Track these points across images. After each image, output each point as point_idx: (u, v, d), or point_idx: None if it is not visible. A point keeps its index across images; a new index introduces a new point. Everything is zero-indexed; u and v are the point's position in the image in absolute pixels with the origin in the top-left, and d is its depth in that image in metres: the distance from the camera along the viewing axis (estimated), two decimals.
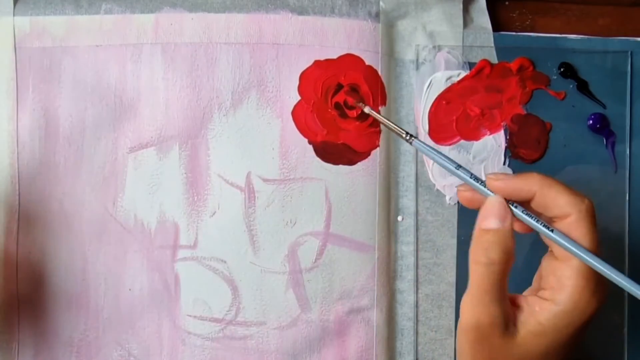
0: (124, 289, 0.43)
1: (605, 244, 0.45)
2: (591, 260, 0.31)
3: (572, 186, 0.32)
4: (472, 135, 0.45)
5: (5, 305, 0.42)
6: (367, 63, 0.44)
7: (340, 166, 0.44)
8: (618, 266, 0.45)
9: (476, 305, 0.33)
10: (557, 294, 0.32)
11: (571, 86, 0.45)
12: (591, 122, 0.45)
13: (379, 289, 0.44)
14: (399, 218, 0.45)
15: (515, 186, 0.33)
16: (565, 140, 0.45)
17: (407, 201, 0.45)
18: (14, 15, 0.42)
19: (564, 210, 0.32)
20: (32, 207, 0.42)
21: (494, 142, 0.45)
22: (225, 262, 0.43)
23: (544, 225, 0.33)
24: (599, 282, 0.31)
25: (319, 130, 0.44)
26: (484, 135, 0.45)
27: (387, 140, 0.44)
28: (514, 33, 0.46)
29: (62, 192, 0.43)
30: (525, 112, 0.45)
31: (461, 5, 0.45)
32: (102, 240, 0.43)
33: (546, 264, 0.34)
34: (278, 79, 0.43)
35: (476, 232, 0.34)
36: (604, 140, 0.45)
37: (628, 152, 0.46)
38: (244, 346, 0.43)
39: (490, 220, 0.33)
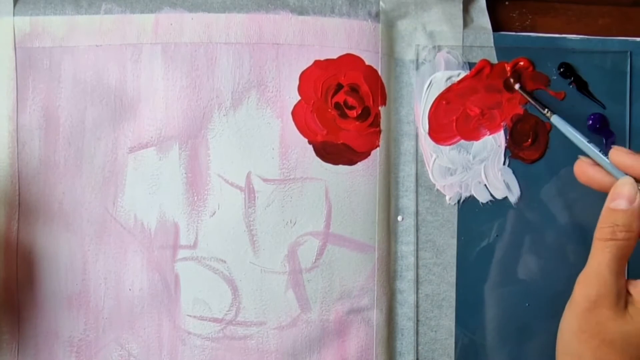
0: (124, 289, 0.43)
1: None
2: None
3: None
4: (472, 135, 0.45)
5: (5, 305, 0.42)
6: (367, 63, 0.44)
7: (340, 166, 0.44)
8: None
9: (593, 278, 0.35)
10: None
11: (571, 86, 0.45)
12: (591, 122, 0.45)
13: (379, 289, 0.44)
14: (399, 218, 0.45)
15: (637, 164, 0.35)
16: (565, 140, 0.45)
17: (407, 201, 0.45)
18: (14, 15, 0.42)
19: None
20: (32, 207, 0.42)
21: (494, 142, 0.45)
22: (225, 262, 0.43)
23: None
24: None
25: (319, 130, 0.44)
26: (484, 135, 0.45)
27: (387, 140, 0.44)
28: (514, 33, 0.46)
29: (62, 192, 0.43)
30: (525, 112, 0.45)
31: (461, 5, 0.45)
32: (102, 240, 0.43)
33: None
34: (278, 79, 0.43)
35: (604, 211, 0.36)
36: (604, 141, 0.45)
37: None
38: (244, 346, 0.43)
39: (620, 201, 0.35)
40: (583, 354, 0.35)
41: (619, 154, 0.36)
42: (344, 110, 0.44)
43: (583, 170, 0.38)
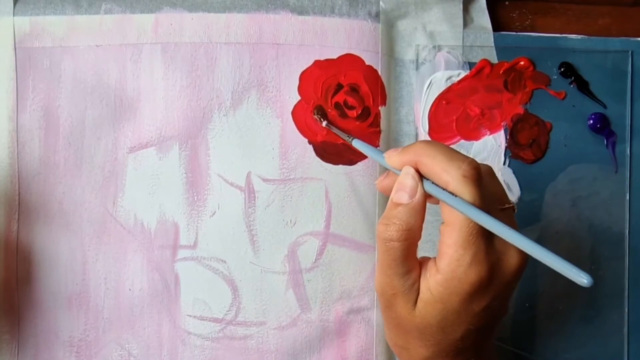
0: (124, 289, 0.43)
1: (606, 243, 0.45)
2: (472, 214, 0.30)
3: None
4: (472, 135, 0.45)
5: (5, 305, 0.42)
6: (367, 63, 0.44)
7: (340, 166, 0.44)
8: (618, 265, 0.45)
9: (380, 276, 0.33)
10: (440, 260, 0.32)
11: (571, 86, 0.45)
12: (591, 122, 0.45)
13: None
14: None
15: (405, 158, 0.33)
16: (566, 140, 0.45)
17: None
18: (14, 15, 0.42)
19: (442, 178, 0.32)
20: (32, 207, 0.42)
21: (494, 142, 0.45)
22: (225, 262, 0.43)
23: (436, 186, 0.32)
24: (477, 255, 0.31)
25: (319, 130, 0.44)
26: (484, 135, 0.45)
27: (387, 140, 0.44)
28: (514, 33, 0.46)
29: (62, 192, 0.43)
30: (525, 112, 0.45)
31: (461, 5, 0.45)
32: (102, 240, 0.43)
33: (440, 227, 0.33)
34: (278, 79, 0.43)
35: (388, 204, 0.34)
36: (605, 140, 0.45)
37: (628, 152, 0.46)
38: (244, 346, 0.43)
39: (400, 193, 0.33)
40: (398, 343, 0.35)
41: (390, 156, 0.34)
42: (344, 110, 0.44)
43: (379, 183, 0.36)
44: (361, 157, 0.44)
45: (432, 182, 0.33)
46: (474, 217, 0.31)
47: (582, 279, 0.28)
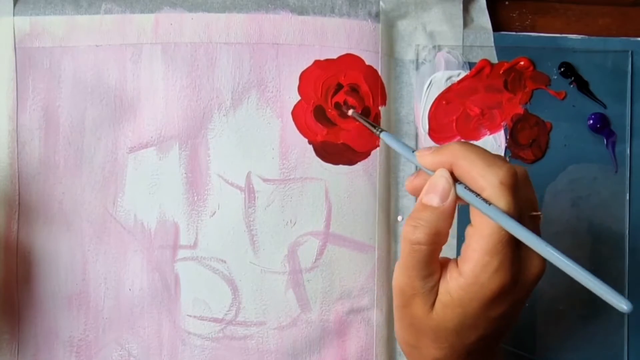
0: (124, 289, 0.43)
1: (606, 243, 0.45)
2: (507, 225, 0.30)
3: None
4: (472, 135, 0.45)
5: (5, 305, 0.42)
6: (367, 63, 0.44)
7: (340, 166, 0.44)
8: (618, 265, 0.45)
9: (401, 275, 0.33)
10: (463, 264, 0.31)
11: (571, 86, 0.45)
12: (591, 122, 0.45)
13: (379, 289, 0.44)
14: (399, 218, 0.45)
15: (439, 159, 0.32)
16: (566, 140, 0.45)
17: (407, 201, 0.45)
18: (14, 15, 0.42)
19: (478, 183, 0.31)
20: (32, 207, 0.42)
21: (494, 142, 0.45)
22: (225, 262, 0.43)
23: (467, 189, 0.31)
24: (504, 263, 0.30)
25: (319, 130, 0.44)
26: (484, 135, 0.45)
27: None
28: (514, 33, 0.46)
29: (62, 192, 0.43)
30: (525, 112, 0.45)
31: (461, 5, 0.45)
32: (102, 240, 0.43)
33: (467, 229, 0.32)
34: (278, 79, 0.43)
35: (417, 204, 0.33)
36: (605, 140, 0.45)
37: (628, 152, 0.46)
38: (244, 346, 0.43)
39: (432, 196, 0.32)
40: (409, 342, 0.35)
41: (423, 155, 0.33)
42: (343, 110, 0.44)
43: (409, 183, 0.35)
44: (361, 157, 0.44)
45: (466, 187, 0.31)
46: (509, 229, 0.30)
47: (621, 304, 0.27)
